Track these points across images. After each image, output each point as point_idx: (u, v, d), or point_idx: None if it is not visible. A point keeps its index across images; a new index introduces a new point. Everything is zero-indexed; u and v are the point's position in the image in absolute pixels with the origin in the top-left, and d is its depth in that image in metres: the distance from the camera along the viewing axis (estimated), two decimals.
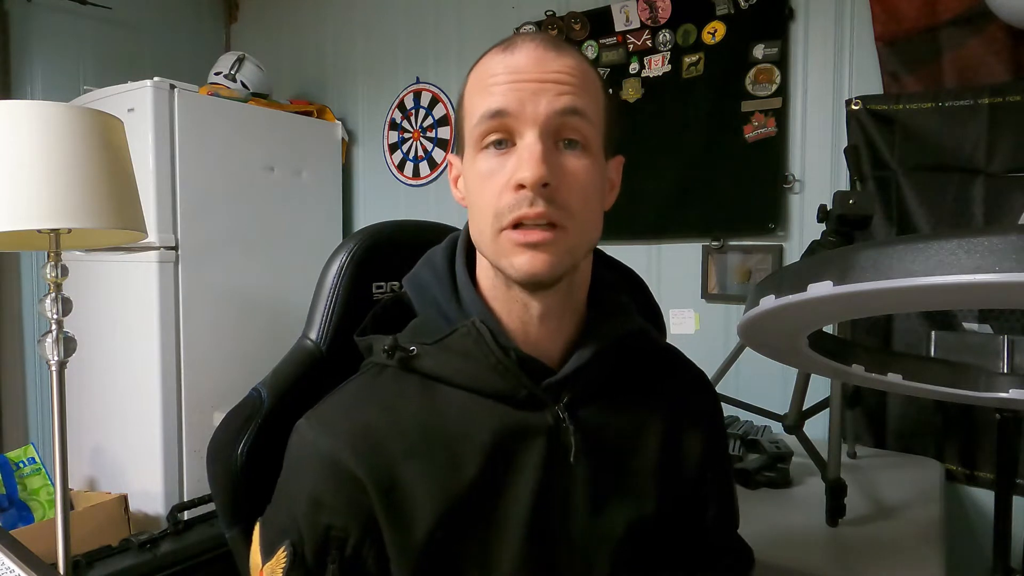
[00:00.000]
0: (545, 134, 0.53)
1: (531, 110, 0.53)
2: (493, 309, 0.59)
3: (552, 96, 0.53)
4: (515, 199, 0.53)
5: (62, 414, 1.25)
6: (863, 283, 0.53)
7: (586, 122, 0.55)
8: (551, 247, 0.54)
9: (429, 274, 0.63)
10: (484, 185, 0.55)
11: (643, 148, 1.98)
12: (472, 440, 0.56)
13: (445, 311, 0.60)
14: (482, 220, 0.56)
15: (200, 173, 2.14)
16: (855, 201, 1.19)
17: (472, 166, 0.57)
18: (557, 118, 0.54)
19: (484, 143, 0.55)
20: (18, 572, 0.68)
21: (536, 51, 0.55)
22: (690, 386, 0.70)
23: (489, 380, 0.57)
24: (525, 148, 0.53)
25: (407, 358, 0.58)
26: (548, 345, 0.60)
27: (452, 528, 0.54)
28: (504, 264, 0.56)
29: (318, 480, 0.55)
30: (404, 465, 0.55)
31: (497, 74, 0.55)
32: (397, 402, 0.58)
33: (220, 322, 2.21)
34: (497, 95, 0.54)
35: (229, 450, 0.68)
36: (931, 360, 1.05)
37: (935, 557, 1.04)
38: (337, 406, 0.59)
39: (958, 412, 1.58)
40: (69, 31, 2.59)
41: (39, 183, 1.11)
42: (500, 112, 0.53)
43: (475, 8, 2.40)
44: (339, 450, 0.55)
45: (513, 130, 0.54)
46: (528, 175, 0.52)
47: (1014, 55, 1.49)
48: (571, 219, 0.54)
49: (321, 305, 0.74)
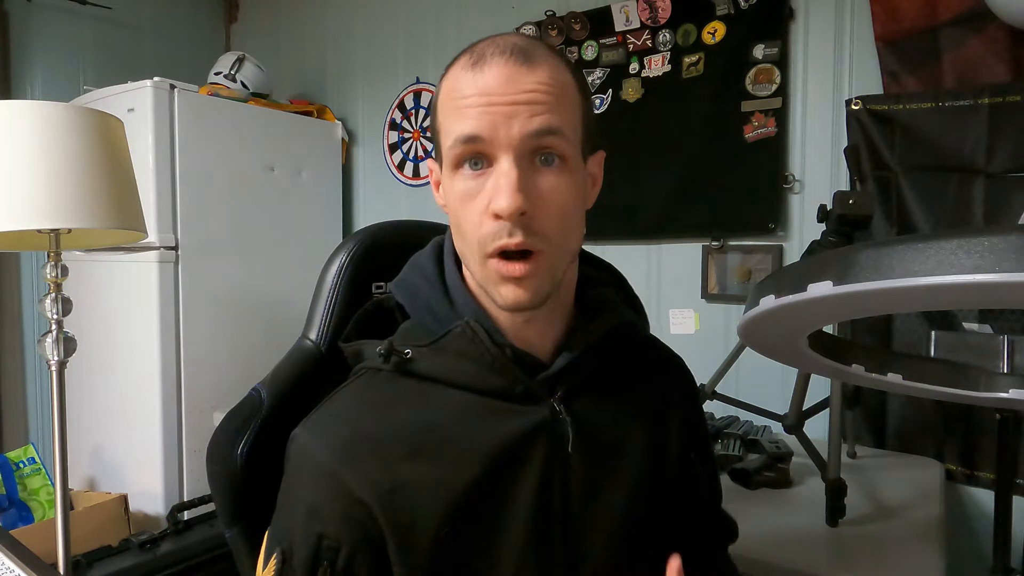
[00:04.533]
0: (520, 156, 0.53)
1: (504, 134, 0.52)
2: (485, 308, 0.60)
3: (525, 119, 0.53)
4: (495, 228, 0.53)
5: (62, 414, 1.25)
6: (863, 283, 0.53)
7: (562, 139, 0.54)
8: (531, 278, 0.55)
9: (419, 278, 0.63)
10: (464, 207, 0.55)
11: (643, 148, 1.98)
12: (472, 438, 0.56)
13: (438, 313, 0.61)
14: (467, 243, 0.57)
15: (200, 173, 2.14)
16: (855, 201, 1.19)
17: (451, 184, 0.57)
18: (532, 140, 0.53)
19: (460, 164, 0.55)
20: (18, 572, 0.68)
21: (507, 68, 0.53)
22: (671, 372, 0.74)
23: (486, 378, 0.58)
24: (501, 175, 0.53)
25: (403, 361, 0.58)
26: (539, 341, 0.61)
27: (458, 526, 0.54)
28: (491, 291, 0.57)
29: (314, 490, 0.55)
30: (405, 467, 0.55)
31: (468, 96, 0.53)
32: (394, 405, 0.58)
33: (220, 322, 2.21)
34: (469, 119, 0.53)
35: (229, 450, 0.68)
36: (931, 360, 1.05)
37: (935, 557, 1.04)
38: (332, 414, 0.59)
39: (958, 412, 1.58)
40: (69, 31, 2.59)
41: (39, 183, 1.11)
42: (473, 138, 0.53)
43: (475, 8, 2.40)
44: (335, 461, 0.54)
45: (487, 154, 0.54)
46: (504, 206, 0.52)
47: (1014, 55, 1.49)
48: (548, 242, 0.55)
49: (321, 305, 0.74)
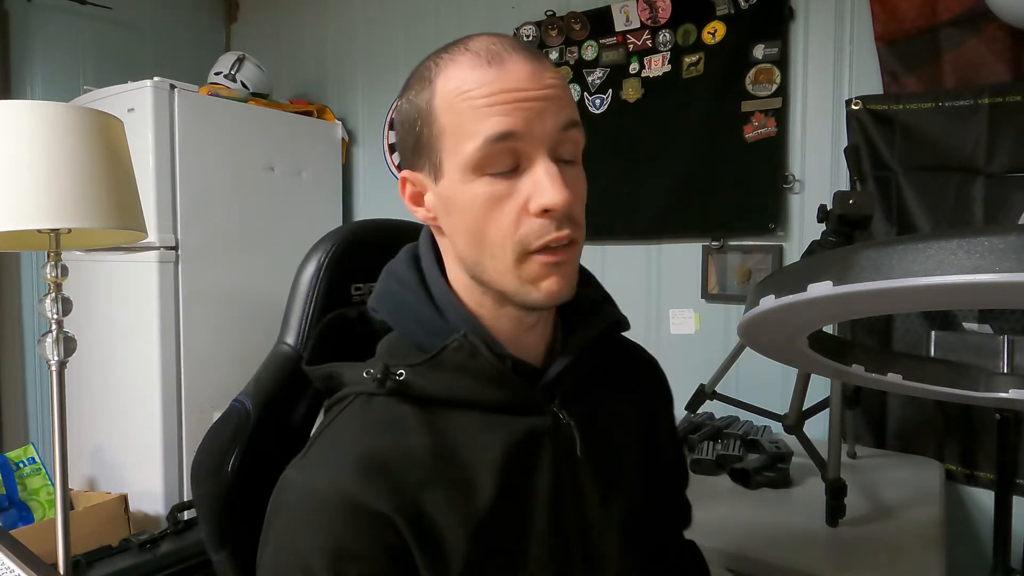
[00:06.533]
0: (552, 151, 0.52)
1: (539, 129, 0.51)
2: (479, 317, 0.58)
3: (555, 112, 0.52)
4: (541, 224, 0.52)
5: (62, 414, 1.25)
6: (863, 283, 0.53)
7: (580, 132, 0.55)
8: (570, 265, 0.55)
9: (402, 289, 0.60)
10: (492, 210, 0.52)
11: (643, 148, 1.98)
12: (484, 457, 0.54)
13: (428, 326, 0.57)
14: (495, 248, 0.53)
15: (200, 173, 2.14)
16: (855, 201, 1.19)
17: (467, 190, 0.53)
18: (561, 134, 0.53)
19: (489, 169, 0.52)
20: (18, 572, 0.68)
21: (528, 64, 0.52)
22: (649, 371, 0.75)
23: (488, 392, 0.56)
24: (543, 171, 0.51)
25: (399, 382, 0.54)
26: (533, 349, 0.60)
27: (482, 545, 0.53)
28: (526, 290, 0.54)
29: (332, 530, 0.49)
30: (423, 495, 0.52)
31: (494, 93, 0.51)
32: (398, 430, 0.54)
33: (220, 322, 2.21)
34: (499, 116, 0.50)
35: (217, 467, 0.64)
36: (931, 360, 1.05)
37: (935, 557, 1.04)
38: (331, 447, 0.54)
39: (958, 412, 1.58)
40: (69, 31, 2.58)
41: (39, 183, 1.11)
42: (509, 135, 0.50)
43: (475, 8, 2.40)
44: (349, 483, 0.49)
45: (521, 152, 0.52)
46: (556, 200, 0.51)
47: (1014, 55, 1.49)
48: (581, 232, 0.55)
49: (298, 308, 0.70)
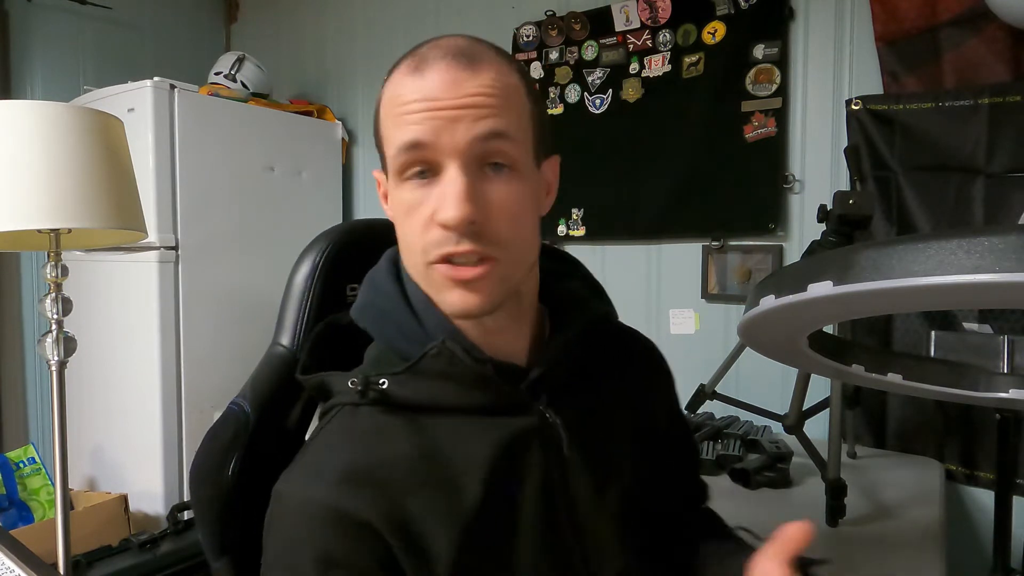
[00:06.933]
0: (468, 163, 0.50)
1: (448, 140, 0.50)
2: (457, 324, 0.57)
3: (470, 122, 0.50)
4: (441, 236, 0.51)
5: (62, 414, 1.25)
6: (863, 283, 0.53)
7: (510, 143, 0.52)
8: (483, 282, 0.52)
9: (383, 300, 0.59)
10: (408, 217, 0.53)
11: (643, 148, 1.98)
12: (469, 460, 0.54)
13: (408, 334, 0.57)
14: (410, 254, 0.54)
15: (200, 173, 2.14)
16: (855, 201, 1.19)
17: (396, 195, 0.54)
18: (479, 144, 0.50)
19: (405, 175, 0.52)
20: (18, 572, 0.68)
21: (449, 72, 0.50)
22: (644, 355, 0.74)
23: (471, 396, 0.56)
24: (448, 183, 0.50)
25: (381, 391, 0.54)
26: (512, 349, 0.59)
27: (471, 549, 0.53)
28: (437, 299, 0.54)
29: (320, 539, 0.50)
30: (409, 501, 0.52)
31: (409, 101, 0.51)
32: (383, 440, 0.54)
33: (220, 322, 2.21)
34: (411, 125, 0.50)
35: (217, 472, 0.63)
36: (931, 360, 1.05)
37: (935, 557, 1.04)
38: (317, 459, 0.54)
39: (958, 412, 1.58)
40: (69, 31, 2.58)
41: (39, 183, 1.11)
42: (416, 144, 0.50)
43: (475, 8, 2.40)
44: (332, 493, 0.50)
45: (433, 161, 0.51)
46: (452, 215, 0.49)
47: (1014, 55, 1.49)
48: (503, 249, 0.52)
49: (293, 309, 0.70)
